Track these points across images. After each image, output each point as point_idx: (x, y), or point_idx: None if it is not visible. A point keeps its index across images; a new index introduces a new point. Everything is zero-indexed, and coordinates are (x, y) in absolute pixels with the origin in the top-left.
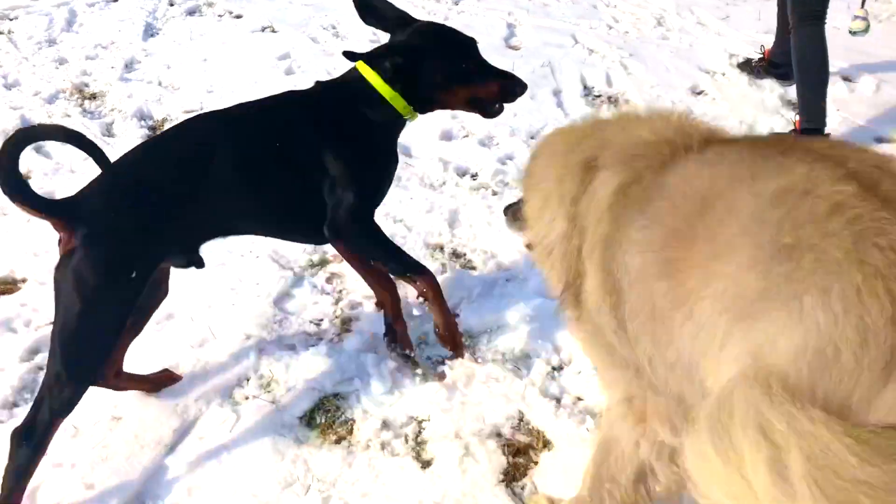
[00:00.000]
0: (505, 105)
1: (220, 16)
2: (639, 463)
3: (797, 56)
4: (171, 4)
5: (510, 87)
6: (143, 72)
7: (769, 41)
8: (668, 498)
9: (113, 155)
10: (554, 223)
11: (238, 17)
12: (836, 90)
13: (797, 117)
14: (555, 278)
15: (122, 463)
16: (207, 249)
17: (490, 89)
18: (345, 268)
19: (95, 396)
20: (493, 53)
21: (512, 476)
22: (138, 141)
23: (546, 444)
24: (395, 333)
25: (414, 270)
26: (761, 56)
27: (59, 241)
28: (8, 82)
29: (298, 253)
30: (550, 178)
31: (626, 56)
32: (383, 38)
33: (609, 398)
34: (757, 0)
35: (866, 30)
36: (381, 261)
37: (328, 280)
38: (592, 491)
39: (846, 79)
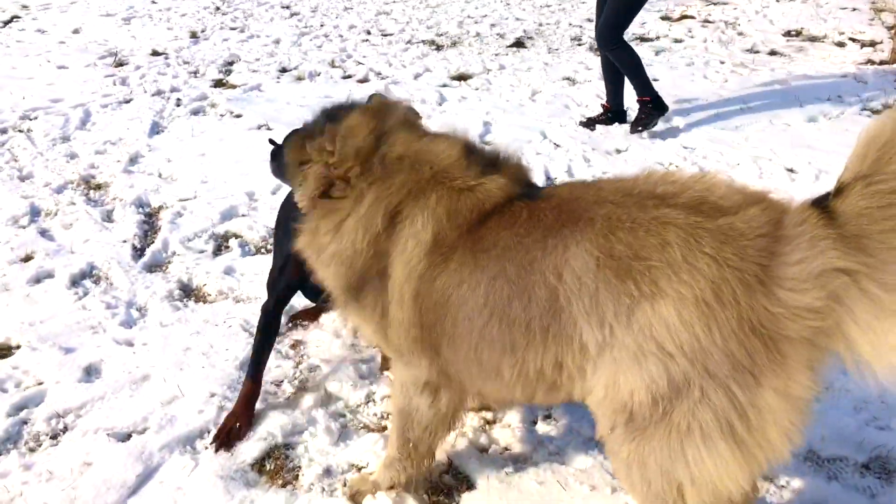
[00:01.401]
0: None
1: (221, 115)
2: (433, 424)
3: (629, 59)
4: (178, 105)
5: None
6: (145, 165)
7: (722, 136)
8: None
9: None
10: (353, 243)
11: (238, 116)
12: (778, 180)
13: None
14: (330, 280)
15: (89, 503)
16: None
17: None
18: (308, 336)
19: (70, 445)
20: None
21: None
22: (135, 227)
23: (470, 486)
24: None
25: None
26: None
27: None
28: (23, 174)
29: None
30: (358, 208)
31: (590, 150)
32: None
33: (405, 376)
34: (717, 101)
35: None
36: None
37: (292, 346)
38: (400, 449)
39: (789, 170)
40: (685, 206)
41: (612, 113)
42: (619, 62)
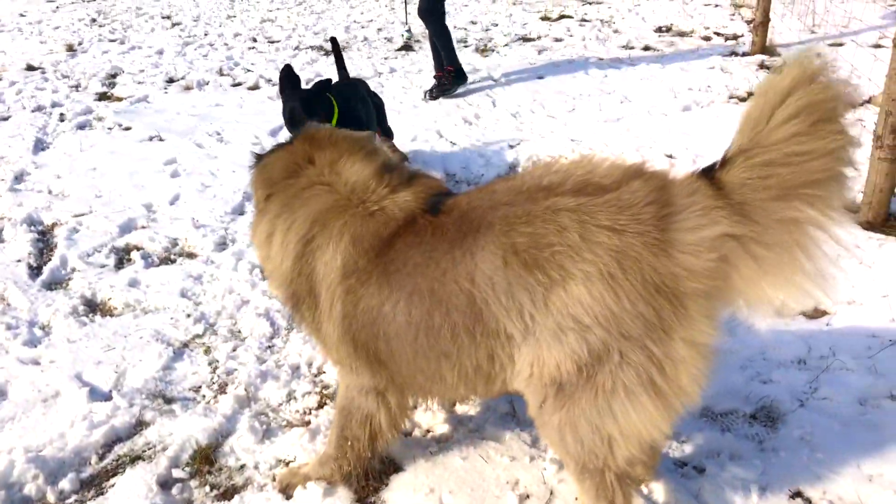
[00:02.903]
0: None
1: (109, 128)
2: (375, 425)
3: (441, 31)
4: (62, 120)
5: None
6: (32, 182)
7: (606, 128)
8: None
9: None
10: (281, 263)
11: (127, 128)
12: (659, 166)
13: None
14: (277, 291)
15: None
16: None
17: None
18: (219, 342)
19: None
20: None
21: (365, 496)
22: (29, 245)
23: (397, 469)
24: None
25: None
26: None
27: None
28: None
29: (180, 331)
30: (276, 233)
31: (484, 146)
32: (264, 141)
33: (350, 380)
34: (599, 95)
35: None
36: None
37: (205, 352)
38: (337, 448)
39: (669, 156)
40: (572, 191)
41: (456, 72)
42: (432, 32)
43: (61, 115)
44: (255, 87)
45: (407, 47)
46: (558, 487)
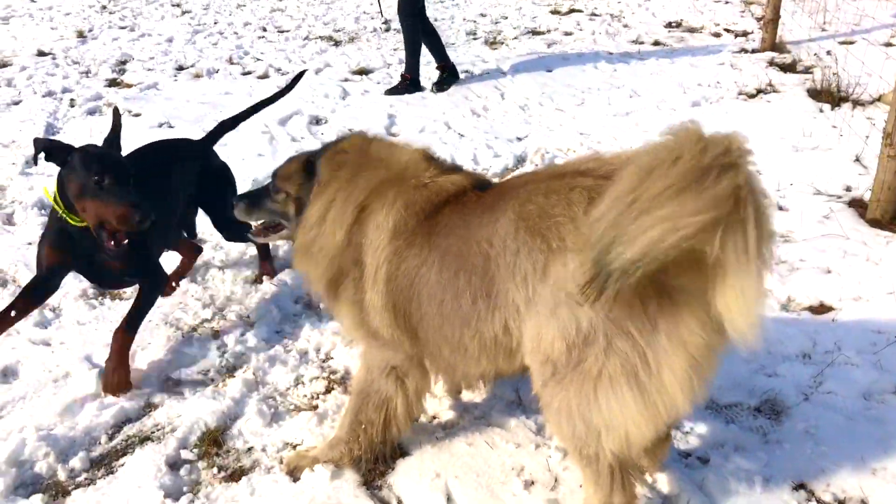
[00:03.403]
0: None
1: None
2: (391, 410)
3: (413, 36)
4: (72, 106)
5: (130, 214)
6: (42, 166)
7: (615, 122)
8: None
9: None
10: (333, 235)
11: (137, 115)
12: None
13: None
14: (316, 274)
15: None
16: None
17: (115, 211)
18: (227, 325)
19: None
20: None
21: (372, 479)
22: (39, 228)
23: (404, 454)
24: None
25: None
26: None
27: None
28: None
29: (189, 316)
30: (335, 203)
31: (492, 138)
32: (273, 129)
33: (373, 359)
34: (609, 89)
35: None
36: None
37: (214, 336)
38: (350, 432)
39: None
40: (599, 175)
41: (448, 70)
42: (405, 33)
43: (72, 100)
44: (264, 76)
45: None
46: (563, 475)
